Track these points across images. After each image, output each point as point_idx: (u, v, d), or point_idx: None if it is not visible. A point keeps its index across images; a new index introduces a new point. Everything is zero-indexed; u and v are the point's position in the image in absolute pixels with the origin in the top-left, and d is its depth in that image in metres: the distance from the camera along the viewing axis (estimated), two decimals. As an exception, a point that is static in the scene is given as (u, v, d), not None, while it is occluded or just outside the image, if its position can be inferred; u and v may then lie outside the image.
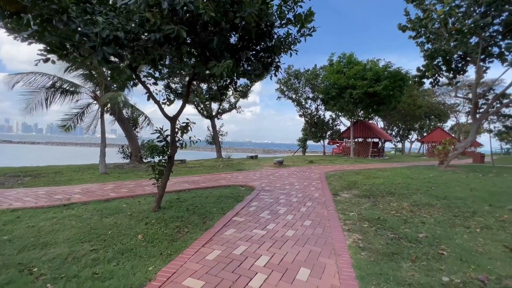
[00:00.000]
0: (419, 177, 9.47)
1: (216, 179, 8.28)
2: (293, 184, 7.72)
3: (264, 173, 10.08)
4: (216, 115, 18.70)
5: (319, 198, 5.95)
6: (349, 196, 6.18)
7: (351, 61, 21.12)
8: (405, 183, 7.79)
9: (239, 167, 12.01)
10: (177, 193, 6.05)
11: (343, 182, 8.15)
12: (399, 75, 19.10)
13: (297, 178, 8.98)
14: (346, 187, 7.30)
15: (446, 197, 5.89)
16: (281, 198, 5.82)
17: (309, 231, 3.73)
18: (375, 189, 6.84)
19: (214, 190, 6.47)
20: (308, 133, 28.83)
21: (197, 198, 5.49)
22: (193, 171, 10.17)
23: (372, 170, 11.74)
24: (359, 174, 10.05)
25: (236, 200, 5.45)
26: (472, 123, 13.22)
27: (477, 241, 3.40)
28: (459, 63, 15.50)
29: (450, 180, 8.63)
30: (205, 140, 19.05)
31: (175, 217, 4.14)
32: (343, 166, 13.79)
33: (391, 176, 9.49)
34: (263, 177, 8.99)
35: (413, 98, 31.34)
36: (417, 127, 43.26)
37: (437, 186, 7.38)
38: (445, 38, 12.86)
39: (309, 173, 10.50)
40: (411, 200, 5.69)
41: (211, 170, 10.59)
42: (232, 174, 9.44)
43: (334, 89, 21.13)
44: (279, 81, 26.57)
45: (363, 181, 8.19)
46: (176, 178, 8.26)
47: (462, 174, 10.81)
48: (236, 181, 7.96)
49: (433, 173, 10.75)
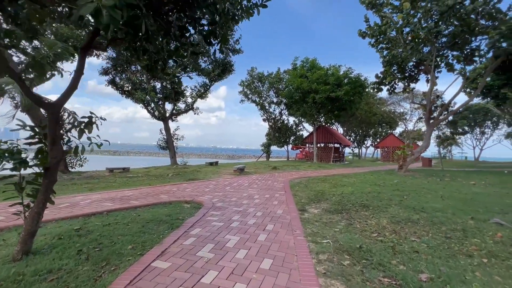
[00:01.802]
0: (385, 183, 8.98)
1: (157, 193, 6.54)
2: (252, 197, 6.40)
3: (221, 183, 8.60)
4: (170, 117, 16.62)
5: (283, 216, 4.71)
6: (319, 211, 5.07)
7: (314, 65, 21.05)
8: (375, 192, 7.07)
9: (192, 175, 10.31)
10: (86, 218, 4.24)
11: (309, 192, 7.12)
12: (358, 81, 19.50)
13: (258, 188, 7.71)
14: (314, 198, 6.24)
15: (423, 209, 5.17)
16: (235, 219, 4.43)
17: (269, 284, 2.40)
18: (346, 201, 5.89)
19: (146, 211, 4.79)
20: (272, 138, 28.18)
21: (111, 227, 3.79)
22: (131, 183, 8.20)
23: (337, 177, 11.11)
24: (325, 182, 9.22)
25: (171, 227, 3.90)
26: (426, 129, 13.69)
27: (494, 281, 2.46)
28: (412, 71, 16.26)
29: (416, 187, 8.24)
30: (157, 145, 16.77)
31: (46, 271, 2.45)
32: (307, 173, 13.03)
33: (358, 184, 8.83)
34: (218, 188, 7.52)
35: (370, 105, 33.08)
36: (371, 134, 46.23)
37: (407, 194, 6.77)
38: (402, 45, 13.14)
39: (272, 181, 9.34)
40: (388, 214, 4.80)
41: (156, 181, 8.72)
42: (180, 186, 7.76)
43: (297, 93, 20.75)
44: (242, 83, 25.50)
45: (331, 191, 7.27)
46: (99, 193, 6.30)
47: (422, 179, 10.78)
48: (182, 195, 6.34)
49: (397, 179, 10.49)
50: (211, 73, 15.74)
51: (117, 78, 16.25)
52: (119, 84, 15.53)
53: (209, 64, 16.91)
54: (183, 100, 16.64)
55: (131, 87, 14.88)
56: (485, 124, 44.62)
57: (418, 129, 45.06)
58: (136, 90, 14.20)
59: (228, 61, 16.88)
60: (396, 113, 43.35)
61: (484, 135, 47.49)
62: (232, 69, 17.22)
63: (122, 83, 16.10)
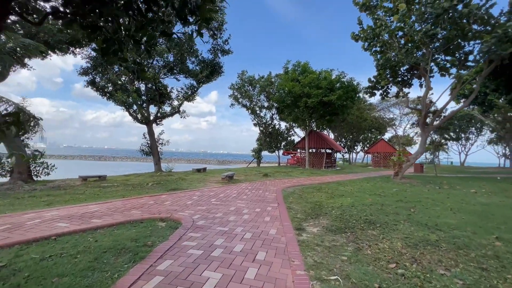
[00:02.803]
0: (385, 193, 8.35)
1: (129, 207, 5.58)
2: (241, 211, 5.54)
3: (206, 193, 7.70)
4: (155, 120, 15.57)
5: (277, 238, 3.90)
6: (319, 231, 4.29)
7: (306, 69, 20.61)
8: (377, 204, 6.39)
9: (175, 184, 9.34)
10: (23, 247, 3.27)
11: (305, 204, 6.34)
12: (351, 85, 19.16)
13: (247, 200, 6.86)
14: (311, 213, 5.47)
15: (438, 226, 4.49)
16: (218, 244, 3.57)
17: None
18: (348, 216, 5.14)
19: (107, 234, 3.86)
20: (263, 143, 27.45)
21: (50, 262, 2.85)
22: (102, 194, 7.16)
23: (332, 185, 10.43)
24: (320, 191, 8.49)
25: (134, 258, 3.01)
26: (421, 134, 13.31)
27: None
28: (405, 76, 16.02)
29: (419, 197, 7.64)
30: (140, 150, 15.63)
31: None
32: (300, 180, 12.29)
33: (356, 193, 8.15)
34: (202, 200, 6.62)
35: (361, 111, 33.05)
36: (361, 139, 46.41)
37: (413, 207, 6.12)
38: (396, 47, 12.79)
39: (263, 191, 8.51)
40: (400, 234, 4.08)
41: (132, 191, 7.72)
42: (158, 198, 6.80)
43: (289, 97, 20.18)
44: (232, 86, 24.76)
45: (329, 203, 6.52)
46: (57, 209, 5.28)
47: (420, 187, 10.26)
48: (159, 210, 5.41)
49: (395, 187, 9.92)
50: (199, 74, 14.88)
51: (97, 79, 15.13)
52: (99, 84, 14.39)
53: (197, 65, 16.07)
54: (168, 102, 15.66)
55: (113, 88, 13.80)
56: (469, 130, 45.84)
57: (407, 134, 45.77)
58: (117, 91, 13.15)
59: (217, 62, 16.11)
60: (385, 119, 43.83)
61: (469, 141, 48.79)
62: (221, 70, 16.44)
63: (102, 83, 14.97)
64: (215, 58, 15.94)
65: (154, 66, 15.16)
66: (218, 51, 16.13)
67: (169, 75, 16.97)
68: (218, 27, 15.17)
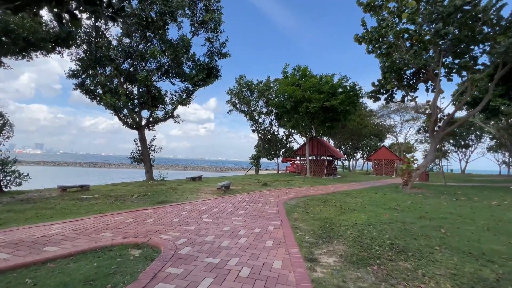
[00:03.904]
0: (400, 206, 7.42)
1: (101, 227, 4.59)
2: (236, 232, 4.57)
3: (197, 207, 6.71)
4: (147, 125, 14.62)
5: (283, 276, 2.93)
6: (336, 262, 3.33)
7: (306, 74, 19.91)
8: (397, 221, 5.45)
9: (164, 196, 8.35)
10: None
11: (313, 222, 5.38)
12: (354, 90, 18.42)
13: (245, 216, 5.89)
14: (322, 234, 4.51)
15: (485, 255, 3.55)
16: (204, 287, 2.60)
17: None
18: (368, 239, 4.20)
19: (56, 271, 2.88)
20: (262, 150, 26.53)
21: None
22: (75, 209, 6.15)
23: (338, 196, 9.49)
24: (327, 204, 7.54)
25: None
26: (430, 140, 12.49)
27: None
28: (411, 80, 15.32)
29: (441, 211, 6.71)
30: (130, 157, 14.61)
31: None
32: (302, 190, 11.33)
33: (368, 207, 7.21)
34: (192, 217, 5.64)
35: (361, 117, 32.38)
36: (361, 146, 45.64)
37: (441, 225, 5.18)
38: (403, 49, 12.10)
39: (263, 204, 7.54)
40: (443, 268, 3.13)
41: (112, 205, 6.70)
42: (140, 214, 5.81)
43: (289, 102, 19.39)
44: (230, 91, 23.99)
45: (341, 220, 5.57)
46: (9, 231, 4.27)
47: (435, 198, 9.34)
48: (136, 231, 4.43)
49: (408, 198, 9.00)
50: (194, 77, 14.05)
51: (87, 81, 14.24)
52: (88, 87, 13.49)
53: (193, 69, 15.27)
54: (162, 107, 14.74)
55: (102, 91, 12.90)
56: (469, 138, 45.31)
57: (407, 142, 45.10)
58: (105, 93, 12.25)
59: (214, 65, 15.33)
60: (385, 126, 43.21)
61: (469, 148, 48.22)
62: (218, 74, 15.64)
63: (92, 86, 14.07)
64: (212, 61, 15.17)
65: (147, 68, 14.33)
66: (214, 54, 15.38)
67: (164, 78, 16.17)
68: (215, 28, 14.46)
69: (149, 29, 12.99)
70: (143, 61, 13.56)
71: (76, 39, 12.45)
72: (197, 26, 14.43)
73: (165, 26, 13.25)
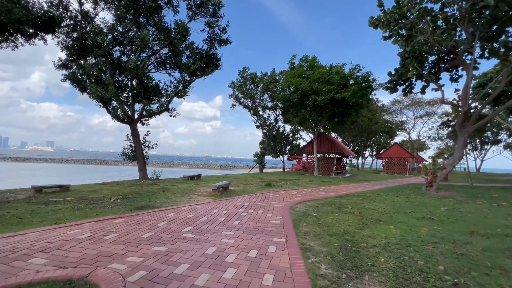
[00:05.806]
0: (435, 214, 5.97)
1: (36, 249, 3.35)
2: (223, 259, 3.25)
3: (182, 215, 5.43)
4: (140, 119, 13.44)
5: None
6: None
7: (314, 65, 18.38)
8: (444, 240, 4.04)
9: (148, 200, 7.11)
10: None
11: (329, 239, 4.03)
12: (367, 81, 16.79)
13: (239, 229, 4.57)
14: (345, 263, 3.15)
15: None
16: None
17: None
18: (416, 274, 2.82)
19: None
20: (266, 147, 25.15)
21: None
22: (26, 217, 4.94)
23: (353, 199, 8.09)
24: (343, 211, 6.16)
25: None
26: (458, 135, 10.89)
27: None
28: (432, 69, 13.67)
29: (493, 224, 5.26)
30: (122, 154, 13.46)
31: None
32: (311, 191, 9.96)
33: (394, 215, 5.81)
34: (170, 230, 4.36)
35: (372, 112, 30.61)
36: (371, 143, 43.69)
37: (508, 247, 3.76)
38: (428, 30, 10.50)
39: (264, 210, 6.21)
40: None
41: (78, 212, 5.48)
42: (106, 224, 4.56)
43: (295, 95, 17.92)
44: (233, 84, 22.64)
45: (366, 237, 4.20)
46: None
47: (471, 203, 7.83)
48: (82, 255, 3.17)
49: (438, 203, 7.53)
50: (191, 66, 12.74)
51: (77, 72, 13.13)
52: (75, 77, 12.36)
53: (190, 57, 13.97)
54: (156, 99, 13.51)
55: (88, 81, 11.77)
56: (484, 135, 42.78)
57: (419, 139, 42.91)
58: (91, 83, 11.11)
59: (214, 54, 14.00)
60: (396, 122, 41.15)
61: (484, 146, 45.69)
62: (218, 63, 14.32)
63: (81, 77, 12.95)
64: (211, 48, 13.84)
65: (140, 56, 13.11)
66: (214, 40, 14.05)
67: (161, 69, 14.96)
68: (214, 12, 13.11)
69: (141, 13, 11.73)
70: (135, 48, 12.33)
71: (60, 23, 11.28)
72: (195, 9, 13.12)
73: (158, 9, 11.97)
